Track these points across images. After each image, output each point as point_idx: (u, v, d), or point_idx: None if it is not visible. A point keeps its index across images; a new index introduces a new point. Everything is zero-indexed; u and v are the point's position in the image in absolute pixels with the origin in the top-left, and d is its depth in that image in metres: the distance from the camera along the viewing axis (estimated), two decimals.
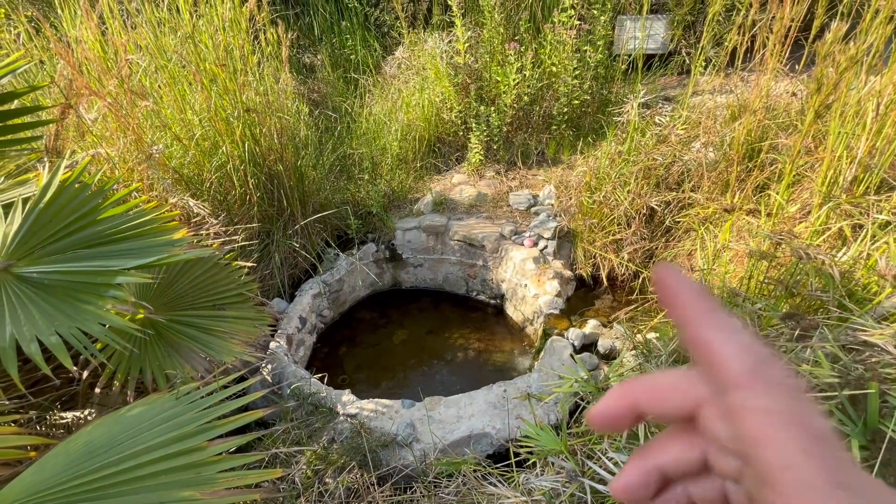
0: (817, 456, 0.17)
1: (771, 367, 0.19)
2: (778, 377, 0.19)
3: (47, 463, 0.99)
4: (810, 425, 0.18)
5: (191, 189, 2.30)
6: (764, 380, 0.19)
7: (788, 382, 0.19)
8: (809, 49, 1.99)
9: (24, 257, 1.32)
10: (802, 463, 0.17)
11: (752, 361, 0.19)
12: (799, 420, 0.18)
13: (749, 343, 0.20)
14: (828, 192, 1.53)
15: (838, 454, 0.17)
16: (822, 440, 0.17)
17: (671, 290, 0.22)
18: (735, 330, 0.20)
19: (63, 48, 1.84)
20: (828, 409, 0.82)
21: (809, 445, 0.17)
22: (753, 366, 0.19)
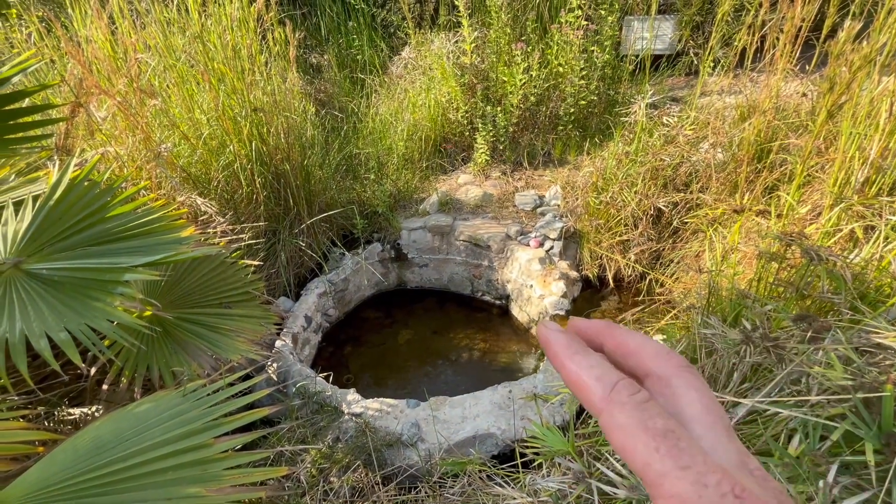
0: (663, 450, 0.21)
1: (620, 389, 0.23)
2: (624, 397, 0.23)
3: (55, 458, 1.00)
4: (654, 427, 0.22)
5: (198, 188, 2.31)
6: (615, 401, 0.23)
7: (634, 399, 0.23)
8: (821, 49, 1.97)
9: (34, 254, 1.33)
10: (654, 459, 0.21)
11: (604, 388, 0.23)
12: (644, 426, 0.22)
13: (602, 374, 0.24)
14: (839, 193, 1.51)
15: (679, 443, 0.21)
16: (665, 436, 0.21)
17: (547, 343, 0.27)
18: (592, 365, 0.25)
19: (73, 47, 1.86)
20: (840, 412, 0.81)
21: (657, 443, 0.21)
22: (605, 392, 0.23)
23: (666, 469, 0.21)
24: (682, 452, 0.21)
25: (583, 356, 0.25)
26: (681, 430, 0.22)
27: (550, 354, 0.26)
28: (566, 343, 0.26)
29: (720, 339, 1.29)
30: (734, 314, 1.49)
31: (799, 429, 0.83)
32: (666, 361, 0.26)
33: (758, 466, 0.22)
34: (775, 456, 0.80)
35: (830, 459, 0.75)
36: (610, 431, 0.23)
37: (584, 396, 0.24)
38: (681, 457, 0.21)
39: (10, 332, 1.13)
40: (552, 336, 0.27)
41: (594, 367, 0.24)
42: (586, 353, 0.25)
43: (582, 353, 0.25)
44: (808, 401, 0.87)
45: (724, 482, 0.20)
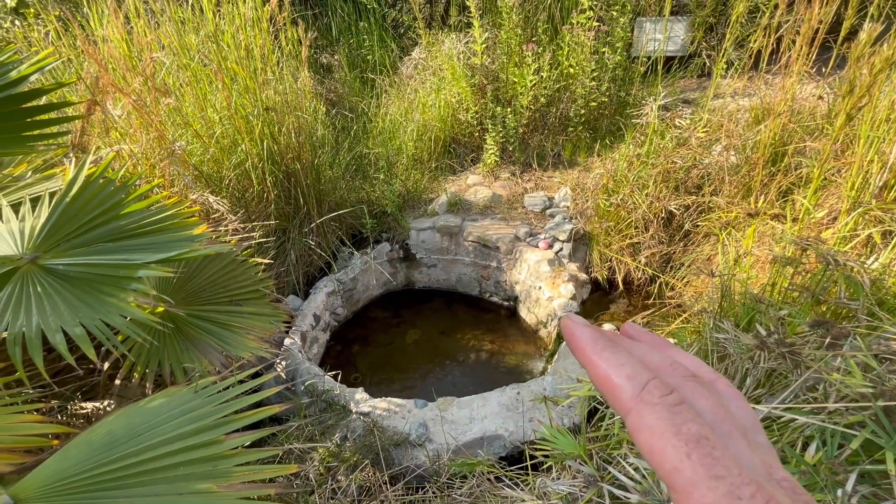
0: (695, 457, 0.20)
1: (651, 389, 0.22)
2: (656, 397, 0.22)
3: (70, 451, 1.01)
4: (687, 432, 0.21)
5: (210, 186, 2.33)
6: (646, 401, 0.22)
7: (666, 400, 0.22)
8: (838, 51, 1.94)
9: (50, 250, 1.34)
10: (685, 465, 0.20)
11: (634, 387, 0.22)
12: (677, 430, 0.21)
13: (633, 373, 0.23)
14: (856, 197, 1.49)
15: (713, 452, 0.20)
16: (699, 442, 0.21)
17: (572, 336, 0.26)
18: (622, 363, 0.23)
19: (90, 46, 1.88)
20: (859, 420, 0.79)
21: (689, 449, 0.20)
22: (636, 391, 0.22)
23: (698, 477, 0.20)
24: (716, 461, 0.20)
25: (612, 352, 0.24)
26: (715, 438, 0.21)
27: (575, 349, 0.25)
28: (593, 337, 0.25)
29: (733, 343, 1.27)
30: (747, 319, 1.47)
31: (816, 436, 0.82)
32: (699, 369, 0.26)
33: (785, 476, 0.21)
34: (792, 463, 0.78)
35: (849, 468, 0.73)
36: (637, 432, 0.22)
37: (612, 395, 0.23)
38: (714, 466, 0.20)
39: (27, 326, 1.15)
40: (578, 330, 0.25)
41: (624, 364, 0.23)
42: (615, 350, 0.24)
43: (611, 350, 0.24)
44: (825, 408, 0.86)
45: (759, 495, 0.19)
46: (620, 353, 0.24)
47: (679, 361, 0.25)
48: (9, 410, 1.17)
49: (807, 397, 0.97)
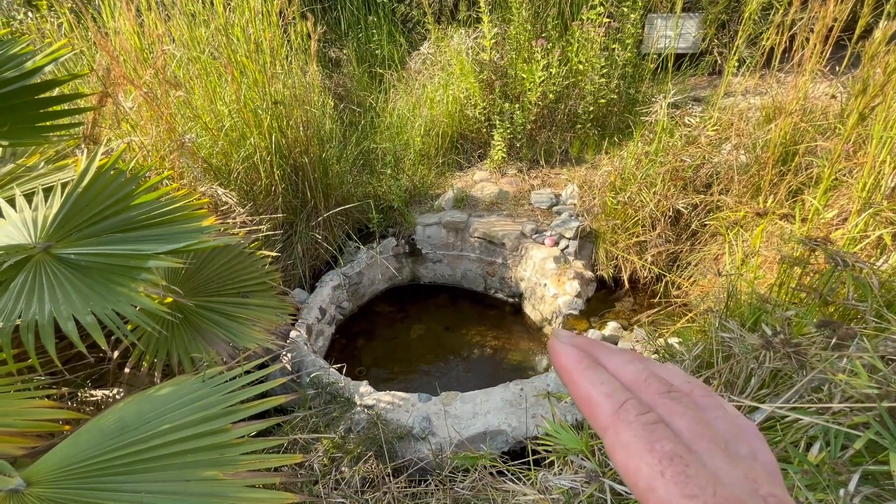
0: (668, 475, 0.20)
1: (628, 408, 0.22)
2: (632, 415, 0.22)
3: (81, 437, 1.03)
4: (661, 450, 0.21)
5: (219, 178, 2.35)
6: (622, 419, 0.22)
7: (642, 418, 0.22)
8: (853, 49, 1.91)
9: (62, 239, 1.37)
10: (659, 484, 0.20)
11: (612, 405, 0.23)
12: (651, 447, 0.21)
13: (611, 391, 0.23)
14: (867, 198, 1.47)
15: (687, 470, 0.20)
16: (672, 460, 0.20)
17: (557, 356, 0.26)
18: (602, 382, 0.24)
19: (102, 38, 1.90)
20: (864, 421, 0.79)
21: (663, 467, 0.20)
22: (614, 409, 0.22)
23: (671, 496, 0.20)
24: (690, 480, 0.20)
25: (593, 371, 0.24)
26: (690, 457, 0.21)
27: (559, 367, 0.26)
28: (577, 357, 0.25)
29: (738, 343, 1.27)
30: (753, 319, 1.46)
31: (820, 436, 0.82)
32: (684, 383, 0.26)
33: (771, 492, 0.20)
34: (795, 462, 0.78)
35: (852, 468, 0.73)
36: (614, 450, 0.22)
37: (591, 412, 0.24)
38: (688, 484, 0.20)
39: (40, 314, 1.17)
40: (563, 349, 0.26)
41: (604, 383, 0.24)
42: (596, 370, 0.25)
43: (592, 370, 0.25)
44: (829, 408, 0.85)
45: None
46: (601, 373, 0.24)
47: (655, 373, 0.25)
48: (21, 396, 1.19)
49: (811, 398, 0.97)
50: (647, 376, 0.24)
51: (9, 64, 1.45)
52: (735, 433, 0.23)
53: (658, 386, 0.24)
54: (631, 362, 0.25)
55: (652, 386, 0.24)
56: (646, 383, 0.24)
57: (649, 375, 0.24)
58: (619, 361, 0.25)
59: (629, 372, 0.25)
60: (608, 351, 0.26)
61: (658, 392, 0.24)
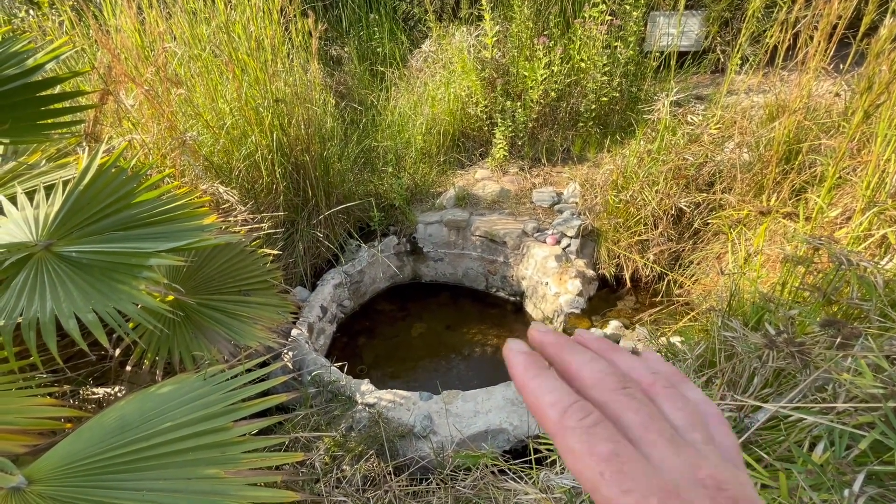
0: (607, 474, 0.21)
1: (571, 414, 0.23)
2: (574, 421, 0.23)
3: (83, 434, 1.03)
4: (600, 452, 0.22)
5: (220, 176, 2.35)
6: (566, 426, 0.23)
7: (583, 423, 0.23)
8: (857, 47, 1.90)
9: (63, 237, 1.37)
10: (600, 483, 0.21)
11: (557, 413, 0.23)
12: (591, 450, 0.22)
13: (556, 399, 0.24)
14: (872, 196, 1.47)
15: (623, 467, 0.21)
16: (609, 460, 0.22)
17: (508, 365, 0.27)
18: (549, 390, 0.24)
19: (103, 36, 1.90)
20: (868, 421, 0.79)
21: (602, 468, 0.22)
22: (558, 417, 0.23)
23: (611, 494, 0.21)
24: (625, 476, 0.21)
25: (541, 379, 0.25)
26: (628, 453, 0.22)
27: (512, 375, 0.26)
28: (525, 365, 0.26)
29: (741, 342, 1.26)
30: (756, 318, 1.46)
31: (824, 436, 0.81)
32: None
33: (710, 474, 0.22)
34: (799, 462, 0.78)
35: (857, 468, 0.73)
36: (563, 456, 0.23)
37: (540, 420, 0.24)
38: (624, 481, 0.21)
39: (41, 312, 1.17)
40: (513, 358, 0.27)
41: (550, 391, 0.24)
42: (544, 377, 0.25)
43: (540, 377, 0.25)
44: (834, 408, 0.85)
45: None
46: (548, 379, 0.25)
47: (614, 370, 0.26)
48: (23, 393, 1.19)
49: (815, 397, 0.97)
50: (605, 374, 0.25)
51: (10, 61, 1.45)
52: (691, 421, 0.24)
53: (613, 383, 0.25)
54: (593, 360, 0.26)
55: (608, 383, 0.25)
56: (603, 382, 0.25)
57: (608, 374, 0.25)
58: (581, 361, 0.26)
59: (591, 371, 0.25)
60: (572, 350, 0.27)
61: (612, 389, 0.24)
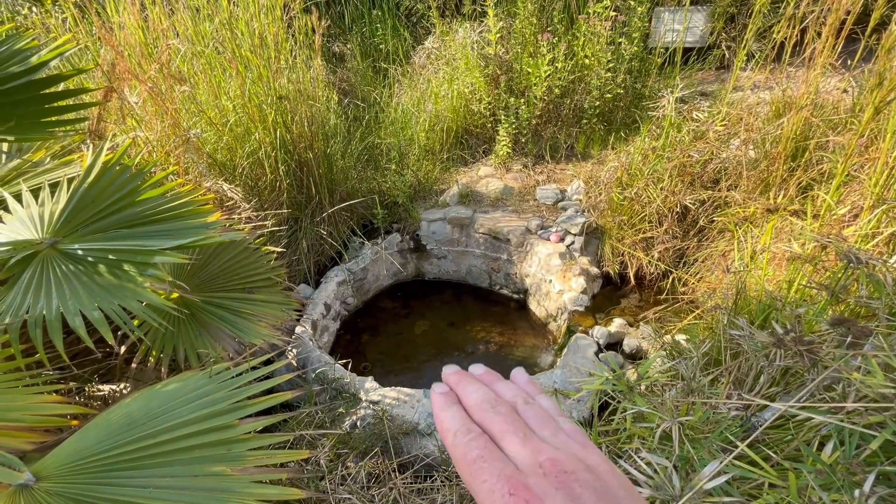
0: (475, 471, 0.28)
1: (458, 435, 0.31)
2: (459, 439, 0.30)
3: (89, 432, 1.03)
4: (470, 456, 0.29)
5: (224, 174, 2.35)
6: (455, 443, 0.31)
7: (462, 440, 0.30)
8: (866, 43, 1.88)
9: (69, 234, 1.37)
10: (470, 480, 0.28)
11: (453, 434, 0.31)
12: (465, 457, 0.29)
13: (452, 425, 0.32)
14: (880, 194, 1.45)
15: (483, 464, 0.28)
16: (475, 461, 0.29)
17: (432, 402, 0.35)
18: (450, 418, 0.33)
19: (107, 33, 1.89)
20: (879, 421, 0.78)
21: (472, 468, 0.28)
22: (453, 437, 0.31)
23: (475, 484, 0.28)
24: (483, 471, 0.28)
25: (446, 413, 0.33)
26: (490, 454, 0.29)
27: (432, 410, 0.35)
28: (440, 403, 0.34)
29: (748, 340, 1.25)
30: (763, 316, 1.45)
31: (833, 435, 0.81)
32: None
33: (549, 457, 0.28)
34: (808, 462, 0.77)
35: (867, 469, 0.72)
36: (455, 464, 0.31)
37: (443, 440, 0.32)
38: (482, 474, 0.28)
39: (48, 310, 1.17)
40: (434, 398, 0.35)
41: (451, 419, 0.32)
42: (449, 409, 0.33)
43: (446, 411, 0.33)
44: (843, 407, 0.84)
45: (507, 487, 0.27)
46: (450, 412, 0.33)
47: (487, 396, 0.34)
48: (30, 391, 1.20)
49: (823, 396, 0.96)
50: (482, 399, 0.34)
51: (14, 59, 1.45)
52: (541, 421, 0.32)
53: (487, 404, 0.33)
54: (476, 390, 0.35)
55: (483, 405, 0.33)
56: (480, 405, 0.33)
57: (484, 398, 0.34)
58: (469, 391, 0.35)
59: (473, 398, 0.34)
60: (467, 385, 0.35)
61: (484, 410, 0.33)
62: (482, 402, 0.33)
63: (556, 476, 0.27)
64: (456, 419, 0.32)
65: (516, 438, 0.30)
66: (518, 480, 0.27)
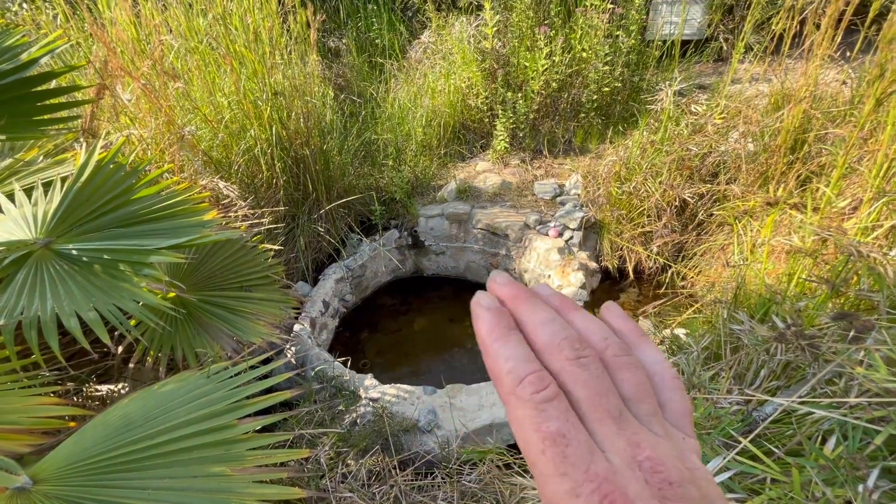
0: (549, 454, 0.22)
1: (526, 385, 0.23)
2: (528, 394, 0.23)
3: (87, 433, 1.02)
4: (546, 430, 0.22)
5: (219, 171, 2.32)
6: (518, 396, 0.23)
7: (535, 397, 0.23)
8: (865, 34, 1.87)
9: (63, 234, 1.35)
10: (540, 460, 0.22)
11: (511, 382, 0.23)
12: (537, 427, 0.22)
13: (514, 367, 0.24)
14: (880, 186, 1.45)
15: (566, 450, 0.22)
16: (554, 441, 0.22)
17: (474, 320, 0.26)
18: (507, 357, 0.24)
19: (98, 29, 1.87)
20: (882, 415, 0.78)
21: (545, 447, 0.22)
22: (511, 386, 0.23)
23: (548, 472, 0.22)
24: (565, 459, 0.22)
25: (502, 343, 0.24)
26: (574, 434, 0.22)
27: (476, 332, 0.26)
28: (490, 325, 0.25)
29: (748, 334, 1.25)
30: (763, 310, 1.45)
31: (836, 430, 0.80)
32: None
33: (648, 455, 0.22)
34: (811, 457, 0.77)
35: (871, 464, 0.72)
36: (511, 423, 0.24)
37: (495, 385, 0.24)
38: (563, 463, 0.22)
39: (42, 311, 1.16)
40: (480, 314, 0.26)
41: (509, 357, 0.24)
42: (506, 340, 0.24)
43: (502, 340, 0.24)
44: (845, 402, 0.84)
45: (597, 493, 0.21)
46: (509, 344, 0.24)
47: (568, 335, 0.25)
48: (26, 392, 1.19)
49: (825, 391, 0.96)
50: (560, 339, 0.24)
51: (4, 56, 1.42)
52: (640, 391, 0.25)
53: (568, 351, 0.24)
54: (549, 321, 0.25)
55: (563, 350, 0.24)
56: (558, 347, 0.24)
57: (562, 338, 0.24)
58: (536, 321, 0.25)
59: (544, 334, 0.25)
60: (532, 307, 0.26)
61: (567, 358, 0.24)
62: (560, 344, 0.24)
63: (658, 486, 0.21)
64: (518, 359, 0.24)
65: (609, 418, 0.23)
66: (614, 486, 0.21)
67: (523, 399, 0.23)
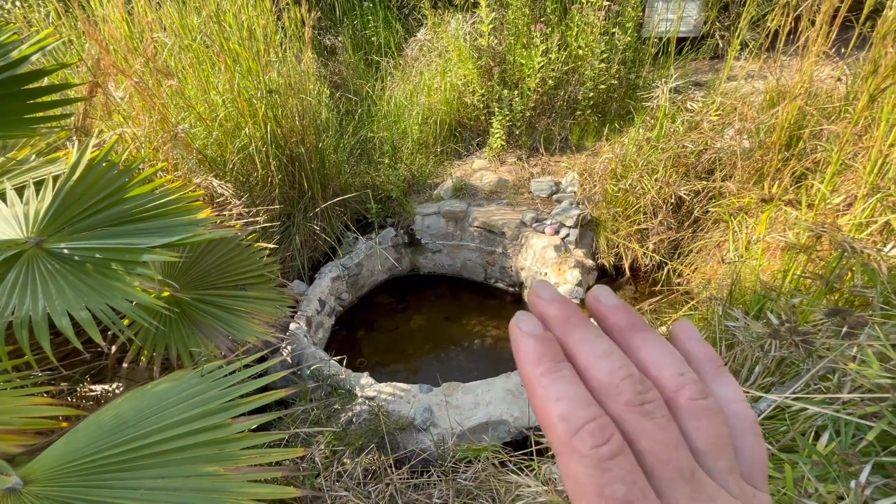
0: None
1: (584, 436, 0.20)
2: (587, 447, 0.20)
3: (79, 433, 1.01)
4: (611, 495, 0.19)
5: (214, 170, 2.31)
6: (576, 449, 0.20)
7: (597, 452, 0.19)
8: (860, 30, 1.87)
9: (55, 233, 1.34)
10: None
11: (566, 430, 0.20)
12: (600, 491, 0.19)
13: (568, 411, 0.20)
14: (874, 182, 1.45)
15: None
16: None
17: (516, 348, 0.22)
18: (559, 398, 0.20)
19: (91, 27, 1.85)
20: (874, 411, 0.78)
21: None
22: (568, 436, 0.20)
23: None
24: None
25: (551, 380, 0.21)
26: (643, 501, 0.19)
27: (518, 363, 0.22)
28: (536, 356, 0.21)
29: (743, 331, 1.25)
30: (758, 307, 1.45)
31: (829, 426, 0.81)
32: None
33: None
34: (804, 453, 0.77)
35: (863, 459, 0.72)
36: (565, 478, 0.20)
37: (546, 430, 0.21)
38: None
39: (34, 310, 1.15)
40: (522, 342, 0.22)
41: (561, 398, 0.20)
42: (556, 376, 0.21)
43: (551, 375, 0.21)
44: (838, 398, 0.84)
45: None
46: (560, 381, 0.21)
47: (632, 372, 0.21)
48: (19, 393, 1.18)
49: (818, 386, 0.96)
50: (621, 378, 0.21)
51: None
52: (719, 445, 0.21)
53: (629, 394, 0.21)
54: (607, 355, 0.21)
55: (624, 393, 0.21)
56: (617, 390, 0.21)
57: (623, 377, 0.21)
58: (592, 353, 0.21)
59: (601, 371, 0.21)
60: (585, 335, 0.22)
61: (627, 403, 0.20)
62: (620, 385, 0.21)
63: None
64: (573, 401, 0.20)
65: (682, 480, 0.20)
66: None
67: (581, 454, 0.19)
